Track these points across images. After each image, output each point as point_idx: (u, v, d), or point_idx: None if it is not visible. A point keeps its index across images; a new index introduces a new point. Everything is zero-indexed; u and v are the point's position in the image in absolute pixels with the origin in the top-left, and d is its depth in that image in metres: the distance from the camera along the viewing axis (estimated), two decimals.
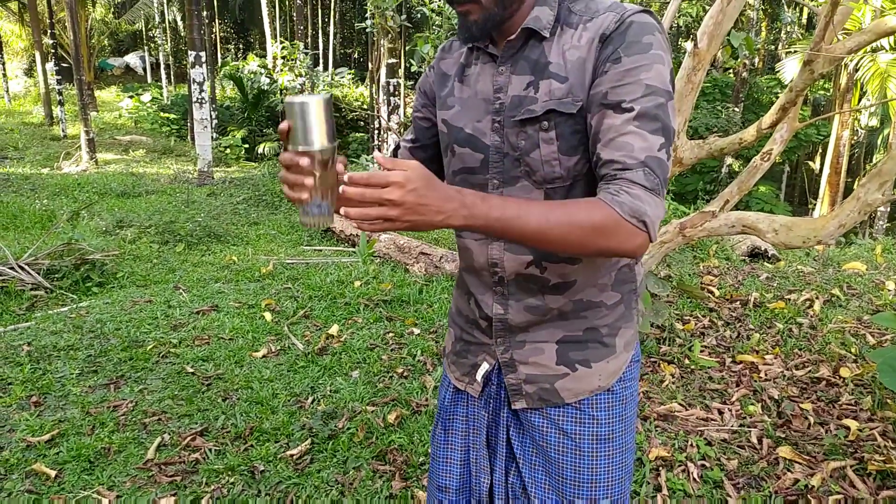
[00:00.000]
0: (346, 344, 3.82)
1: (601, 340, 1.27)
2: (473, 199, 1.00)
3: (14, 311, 4.65)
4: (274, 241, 7.37)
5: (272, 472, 2.62)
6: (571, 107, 1.13)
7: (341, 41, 31.87)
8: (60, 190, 10.24)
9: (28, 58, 28.14)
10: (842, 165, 12.93)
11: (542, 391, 1.27)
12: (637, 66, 1.07)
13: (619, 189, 1.04)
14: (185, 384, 3.37)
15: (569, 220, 1.02)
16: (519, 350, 1.29)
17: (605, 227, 1.02)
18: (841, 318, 4.12)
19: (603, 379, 1.26)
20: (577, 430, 1.26)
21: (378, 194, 0.93)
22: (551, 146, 1.15)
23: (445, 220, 0.97)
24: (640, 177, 1.05)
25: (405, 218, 0.94)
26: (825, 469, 2.53)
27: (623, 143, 1.06)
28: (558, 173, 1.17)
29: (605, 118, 1.09)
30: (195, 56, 11.30)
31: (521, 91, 1.17)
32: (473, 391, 1.36)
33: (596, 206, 1.04)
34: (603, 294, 1.26)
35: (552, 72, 1.14)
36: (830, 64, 2.74)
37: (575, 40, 1.14)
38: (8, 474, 2.61)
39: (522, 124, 1.16)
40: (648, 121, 1.06)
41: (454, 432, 1.41)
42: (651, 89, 1.07)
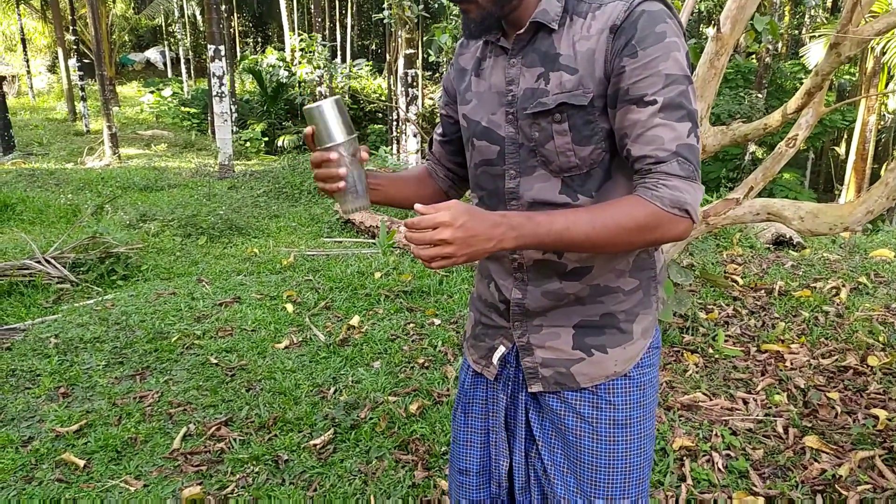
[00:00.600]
0: (368, 335, 3.84)
1: (618, 326, 1.27)
2: (520, 220, 1.06)
3: (41, 304, 4.73)
4: (294, 234, 7.41)
5: (296, 461, 2.65)
6: (583, 98, 1.14)
7: (359, 33, 31.86)
8: (84, 184, 10.38)
9: (51, 54, 28.52)
10: (868, 151, 12.69)
11: (558, 375, 1.28)
12: (654, 57, 1.08)
13: (656, 183, 1.08)
14: (210, 375, 3.40)
15: (615, 223, 1.07)
16: (536, 334, 1.30)
17: (648, 224, 1.07)
18: (868, 305, 4.05)
19: (619, 364, 1.27)
20: (594, 414, 1.27)
21: (430, 237, 1.01)
22: (565, 137, 1.16)
23: (497, 244, 1.04)
24: (674, 168, 1.08)
25: (461, 253, 1.02)
26: (853, 459, 2.49)
27: (652, 137, 1.08)
28: (574, 163, 1.18)
29: (629, 114, 1.10)
30: (214, 50, 11.36)
31: (532, 83, 1.18)
32: (489, 374, 1.37)
33: (637, 204, 1.08)
34: (620, 280, 1.26)
35: (562, 63, 1.15)
36: (858, 47, 2.68)
37: (584, 30, 1.14)
38: (38, 464, 2.66)
39: (535, 117, 1.18)
40: (673, 110, 1.08)
41: (474, 415, 1.42)
42: (671, 78, 1.08)
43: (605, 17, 1.12)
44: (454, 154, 1.45)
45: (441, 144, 1.47)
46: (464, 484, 1.42)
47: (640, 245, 1.11)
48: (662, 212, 1.07)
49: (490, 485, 1.41)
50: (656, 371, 1.34)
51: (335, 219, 7.63)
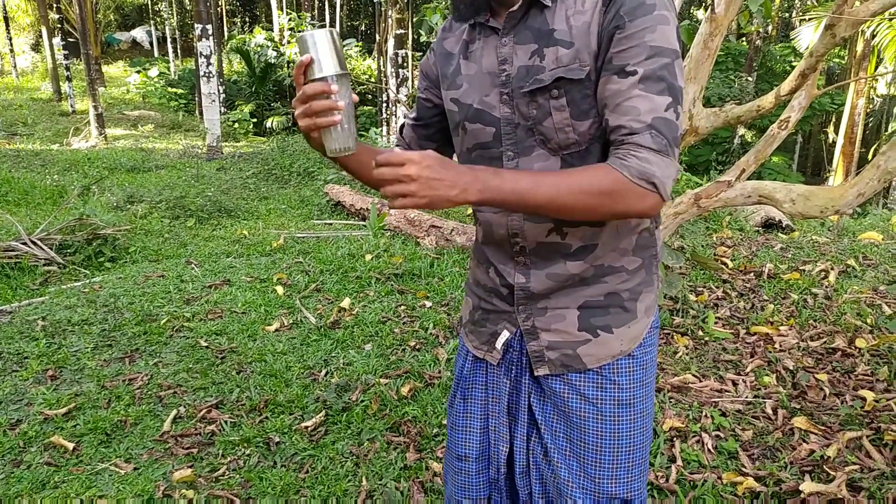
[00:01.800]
0: (359, 317, 3.83)
1: (622, 305, 1.27)
2: (486, 174, 1.05)
3: (28, 287, 4.68)
4: (284, 216, 7.36)
5: (287, 443, 2.64)
6: (580, 72, 1.13)
7: (348, 13, 31.52)
8: (70, 165, 10.26)
9: (34, 33, 28.03)
10: (857, 135, 12.74)
11: (565, 357, 1.28)
12: (641, 28, 1.07)
13: (626, 153, 1.07)
14: (200, 357, 3.38)
15: (579, 187, 1.06)
16: (540, 317, 1.29)
17: (613, 192, 1.06)
18: (856, 288, 4.08)
19: (625, 344, 1.27)
20: (598, 395, 1.27)
21: (396, 171, 0.99)
22: (563, 113, 1.15)
23: (460, 194, 1.02)
24: (647, 140, 1.07)
25: (422, 193, 0.99)
26: (841, 440, 2.51)
27: (629, 108, 1.08)
28: (573, 139, 1.17)
29: (609, 84, 1.10)
30: (202, 29, 11.20)
31: (526, 61, 1.17)
32: (493, 359, 1.36)
33: (605, 171, 1.07)
34: (624, 258, 1.26)
35: (557, 38, 1.14)
36: (853, 28, 2.67)
37: (579, 5, 1.13)
38: (27, 447, 2.64)
39: (532, 94, 1.16)
40: (654, 82, 1.07)
41: (473, 401, 1.41)
42: (655, 50, 1.08)
43: None
44: (426, 139, 1.44)
45: (413, 129, 1.45)
46: (462, 470, 1.42)
47: (605, 215, 1.10)
48: (628, 181, 1.06)
49: (489, 470, 1.41)
50: (656, 350, 1.34)
51: (325, 201, 7.59)
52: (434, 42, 1.39)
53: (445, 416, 2.80)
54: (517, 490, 1.38)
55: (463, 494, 1.42)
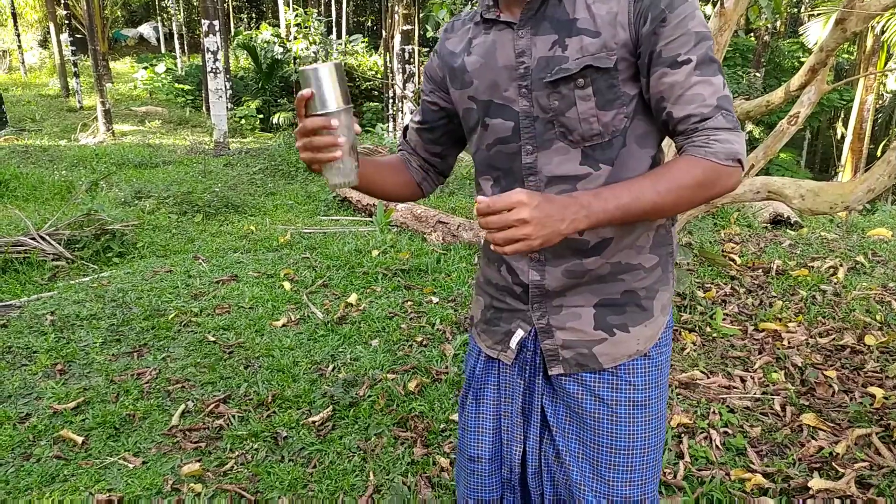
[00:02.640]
0: (365, 313, 3.83)
1: (639, 304, 1.25)
2: (588, 198, 1.06)
3: (37, 281, 4.71)
4: (291, 211, 7.37)
5: (295, 438, 2.65)
6: (608, 61, 1.12)
7: (354, 9, 31.49)
8: (78, 161, 10.30)
9: (42, 29, 28.10)
10: (865, 131, 12.66)
11: (580, 356, 1.26)
12: (683, 17, 1.09)
13: (706, 140, 1.09)
14: (207, 352, 3.39)
15: (678, 185, 1.07)
16: (556, 315, 1.27)
17: (708, 180, 1.08)
18: (865, 285, 4.06)
19: (641, 343, 1.25)
20: (613, 396, 1.25)
21: (506, 218, 1.00)
22: (588, 103, 1.14)
23: (570, 225, 1.03)
24: (720, 121, 1.09)
25: (537, 234, 1.00)
26: (850, 437, 2.50)
27: (693, 96, 1.09)
28: (596, 130, 1.16)
29: (665, 77, 1.10)
30: (209, 25, 11.21)
31: (546, 52, 1.15)
32: (507, 358, 1.34)
33: (693, 163, 1.08)
34: (641, 256, 1.24)
35: (581, 28, 1.13)
36: (864, 22, 2.65)
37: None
38: (36, 440, 2.65)
39: (555, 84, 1.15)
40: (707, 66, 1.10)
41: (485, 401, 1.39)
42: (700, 35, 1.10)
43: None
44: (431, 143, 1.42)
45: (419, 132, 1.43)
46: (475, 471, 1.40)
47: (700, 202, 1.11)
48: (720, 166, 1.08)
49: (501, 470, 1.39)
50: (670, 349, 1.33)
51: (332, 196, 7.59)
52: (437, 45, 1.37)
53: (452, 411, 2.81)
54: (529, 491, 1.37)
55: (475, 495, 1.41)
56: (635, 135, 1.18)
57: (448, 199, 7.01)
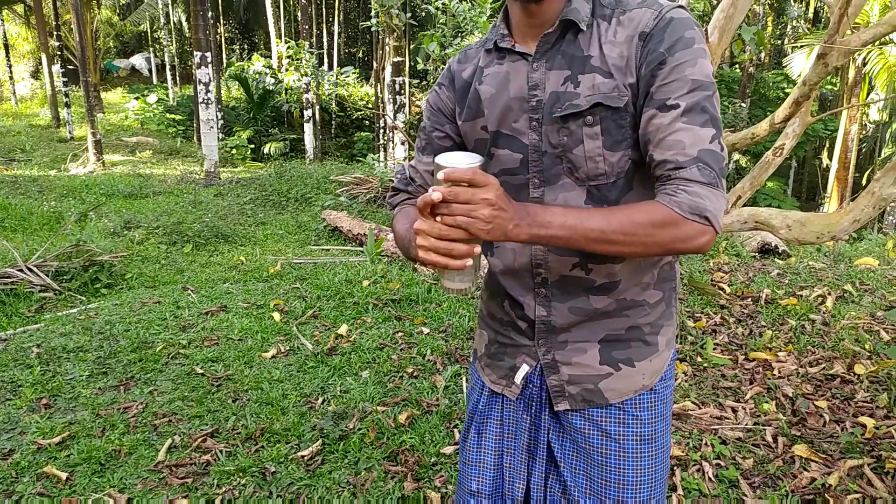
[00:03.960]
0: (356, 344, 3.81)
1: (644, 339, 1.25)
2: (535, 208, 1.03)
3: (23, 314, 4.66)
4: (281, 241, 7.36)
5: (283, 473, 2.61)
6: (618, 101, 1.12)
7: (346, 40, 31.86)
8: (68, 191, 10.27)
9: (34, 60, 28.25)
10: (850, 161, 12.85)
11: (586, 392, 1.25)
12: (681, 62, 1.07)
13: (675, 189, 1.05)
14: (195, 385, 3.36)
15: (629, 220, 1.03)
16: (561, 351, 1.26)
17: (665, 226, 1.03)
18: (854, 314, 4.08)
19: (647, 377, 1.25)
20: (620, 431, 1.25)
21: (475, 193, 0.96)
22: (596, 141, 1.14)
23: (514, 229, 1.00)
24: (694, 173, 1.05)
25: (489, 219, 0.96)
26: (842, 468, 2.49)
27: (673, 142, 1.06)
28: (602, 170, 1.15)
29: (653, 119, 1.08)
30: (200, 56, 11.31)
31: (558, 87, 1.15)
32: (511, 394, 1.33)
33: (655, 206, 1.05)
34: (646, 292, 1.25)
35: (594, 66, 1.13)
36: (844, 57, 2.71)
37: (611, 35, 1.13)
38: (19, 477, 2.60)
39: (564, 120, 1.14)
40: (696, 114, 1.06)
41: (487, 436, 1.38)
42: (697, 84, 1.07)
43: (633, 24, 1.12)
44: None
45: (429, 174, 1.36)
46: None
47: (657, 250, 1.06)
48: (682, 218, 1.03)
49: None
50: (674, 382, 1.33)
51: (322, 226, 7.60)
52: (443, 76, 1.36)
53: (443, 444, 2.78)
54: None
55: None
56: (640, 179, 1.17)
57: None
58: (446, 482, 2.54)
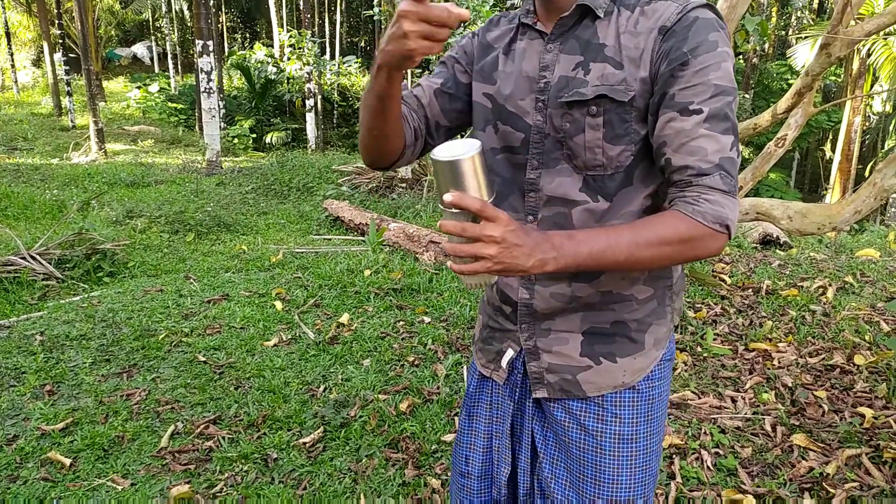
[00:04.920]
0: (357, 333, 3.82)
1: (629, 335, 1.23)
2: (560, 238, 1.00)
3: (26, 301, 4.68)
4: (283, 231, 7.38)
5: (285, 459, 2.63)
6: (624, 95, 1.09)
7: (348, 30, 31.75)
8: (70, 180, 10.28)
9: (36, 48, 28.19)
10: (853, 152, 12.81)
11: (564, 382, 1.24)
12: (705, 66, 1.04)
13: (697, 197, 1.03)
14: (198, 373, 3.38)
15: (657, 238, 1.02)
16: (543, 338, 1.25)
17: (691, 239, 1.02)
18: (854, 305, 4.08)
19: (628, 375, 1.22)
20: (598, 427, 1.23)
21: (480, 230, 0.93)
22: (596, 132, 1.11)
23: (536, 263, 0.96)
24: (717, 181, 1.03)
25: (499, 258, 0.94)
26: (840, 457, 2.51)
27: (696, 148, 1.04)
28: (599, 161, 1.13)
29: (672, 122, 1.05)
30: (202, 45, 11.28)
31: (568, 71, 1.13)
32: (498, 378, 1.33)
33: (678, 219, 1.03)
34: (633, 287, 1.21)
35: (607, 55, 1.10)
36: (848, 47, 2.70)
37: (631, 25, 1.10)
38: (24, 462, 2.63)
39: (569, 106, 1.12)
40: (719, 121, 1.04)
41: (478, 419, 1.39)
42: (720, 89, 1.05)
43: (655, 17, 1.09)
44: (451, 112, 1.32)
45: (438, 95, 1.31)
46: (465, 486, 1.40)
47: (680, 261, 1.05)
48: (704, 227, 1.02)
49: (491, 489, 1.39)
50: (667, 384, 1.29)
51: (324, 216, 7.61)
52: (478, 29, 1.33)
53: (444, 432, 2.80)
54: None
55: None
56: (640, 174, 1.15)
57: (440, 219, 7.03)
58: (446, 469, 2.56)
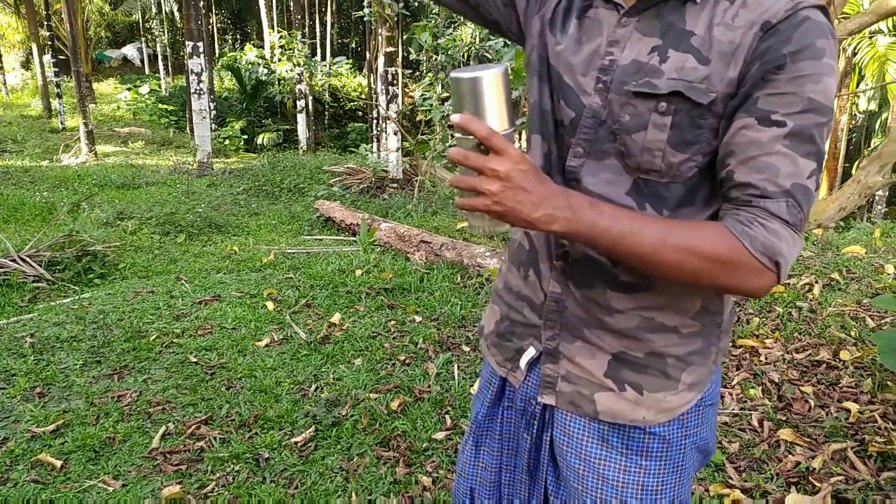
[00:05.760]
0: (349, 332, 3.84)
1: (664, 370, 1.06)
2: (581, 201, 0.89)
3: (16, 304, 4.67)
4: (274, 231, 7.37)
5: (277, 459, 2.64)
6: (703, 96, 0.92)
7: (339, 31, 31.72)
8: (60, 182, 10.24)
9: (25, 50, 28.03)
10: (840, 150, 12.90)
11: (577, 395, 1.09)
12: (804, 74, 0.87)
13: (753, 219, 0.88)
14: (189, 373, 3.38)
15: (687, 244, 0.88)
16: (568, 343, 1.09)
17: (728, 261, 0.88)
18: (840, 301, 4.13)
19: (651, 413, 1.06)
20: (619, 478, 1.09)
21: (484, 161, 0.83)
22: (661, 133, 0.94)
23: (543, 217, 0.85)
24: (781, 209, 0.88)
25: (501, 197, 0.83)
26: (826, 451, 2.54)
27: (766, 165, 0.88)
28: (657, 166, 0.96)
29: (746, 130, 0.89)
30: (193, 46, 11.26)
31: (642, 55, 0.96)
32: (515, 380, 1.17)
33: (722, 234, 0.89)
34: (680, 318, 1.05)
35: (693, 45, 0.93)
36: None
37: (728, 17, 0.92)
38: (14, 465, 2.63)
39: (635, 96, 0.95)
40: (802, 142, 0.87)
41: (487, 450, 1.26)
42: (814, 105, 0.87)
43: (759, 10, 0.91)
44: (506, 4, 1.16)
45: None
46: None
47: (707, 283, 0.90)
48: (749, 254, 0.87)
49: None
50: (707, 432, 1.13)
51: (315, 216, 7.61)
52: None
53: (435, 430, 2.81)
54: None
55: None
56: (705, 195, 0.99)
57: (431, 219, 7.05)
58: (437, 467, 2.58)
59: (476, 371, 3.36)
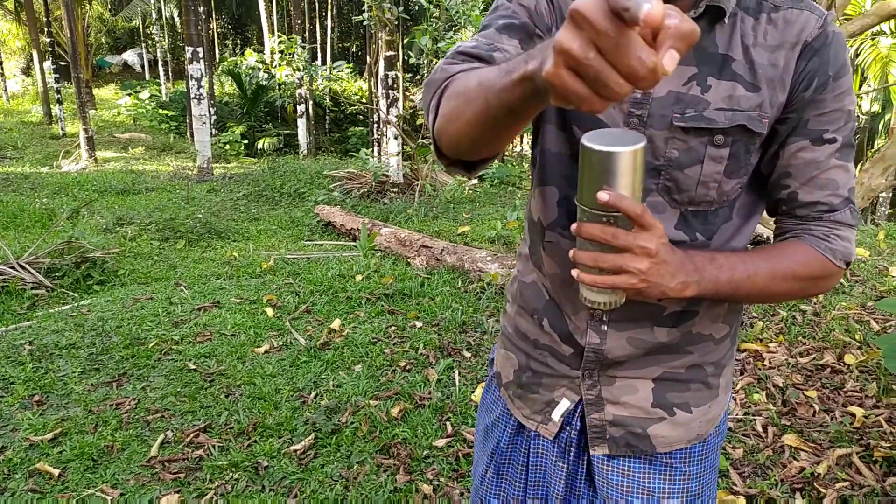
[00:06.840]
0: (349, 338, 3.81)
1: (705, 381, 1.08)
2: (702, 260, 0.90)
3: (15, 311, 4.64)
4: (274, 237, 7.35)
5: (276, 467, 2.62)
6: (761, 125, 0.92)
7: (339, 35, 31.75)
8: (60, 188, 10.23)
9: (25, 57, 28.09)
10: None
11: (631, 437, 1.07)
12: (843, 90, 0.93)
13: (828, 233, 0.96)
14: (188, 381, 3.36)
15: (793, 273, 0.94)
16: (608, 386, 1.06)
17: (820, 277, 0.97)
18: (845, 304, 4.10)
19: (702, 427, 1.09)
20: (665, 487, 1.09)
21: (633, 240, 0.77)
22: (718, 166, 0.93)
23: (677, 286, 0.85)
24: (847, 217, 0.96)
25: (648, 274, 0.80)
26: (831, 456, 2.51)
27: (828, 181, 0.94)
28: (711, 197, 0.96)
29: (803, 151, 0.93)
30: (192, 52, 11.26)
31: (679, 85, 0.91)
32: (547, 433, 1.12)
33: (812, 255, 0.95)
34: (714, 325, 1.06)
35: (736, 72, 0.90)
36: None
37: (760, 36, 0.90)
38: (11, 474, 2.60)
39: (686, 132, 0.91)
40: (848, 150, 0.95)
41: (510, 480, 1.20)
42: (852, 115, 0.94)
43: (792, 29, 0.90)
44: None
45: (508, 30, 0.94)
46: None
47: (799, 297, 0.98)
48: (833, 266, 0.95)
49: None
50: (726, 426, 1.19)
51: (315, 221, 7.59)
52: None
53: (436, 437, 2.79)
54: None
55: None
56: (741, 208, 1.00)
57: (431, 223, 7.02)
58: (438, 475, 2.55)
59: (477, 377, 3.34)
